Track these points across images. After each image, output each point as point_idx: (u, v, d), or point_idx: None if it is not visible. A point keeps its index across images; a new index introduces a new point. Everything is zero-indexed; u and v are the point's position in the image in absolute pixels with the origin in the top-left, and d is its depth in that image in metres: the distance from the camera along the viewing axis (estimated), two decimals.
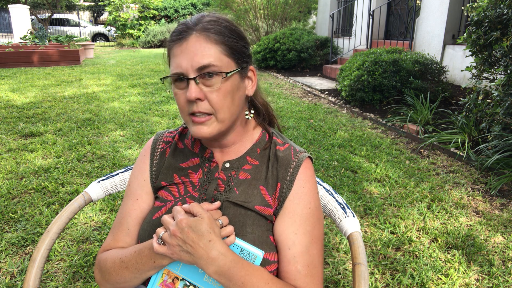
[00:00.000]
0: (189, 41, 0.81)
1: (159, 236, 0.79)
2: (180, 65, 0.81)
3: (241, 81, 0.88)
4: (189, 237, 0.75)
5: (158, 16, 20.02)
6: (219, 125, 0.85)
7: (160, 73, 8.73)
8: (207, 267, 0.76)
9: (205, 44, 0.81)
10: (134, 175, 1.00)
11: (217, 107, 0.83)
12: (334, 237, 2.33)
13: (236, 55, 0.85)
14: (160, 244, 0.79)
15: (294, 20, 11.88)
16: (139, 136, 4.14)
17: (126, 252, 0.88)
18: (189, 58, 0.81)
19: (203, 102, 0.82)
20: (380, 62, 5.24)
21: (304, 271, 0.85)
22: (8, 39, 17.28)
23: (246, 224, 0.87)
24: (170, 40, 0.85)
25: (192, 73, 0.81)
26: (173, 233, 0.76)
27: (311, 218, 0.89)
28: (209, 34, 0.82)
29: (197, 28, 0.82)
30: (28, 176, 3.07)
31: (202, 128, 0.84)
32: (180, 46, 0.82)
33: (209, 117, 0.84)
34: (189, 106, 0.83)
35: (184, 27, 0.84)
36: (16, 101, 5.67)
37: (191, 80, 0.81)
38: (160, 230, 0.80)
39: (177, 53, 0.83)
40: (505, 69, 3.50)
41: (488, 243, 2.29)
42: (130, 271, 0.85)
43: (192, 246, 0.75)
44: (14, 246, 2.18)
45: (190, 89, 0.81)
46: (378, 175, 3.21)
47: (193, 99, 0.81)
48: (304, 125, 4.66)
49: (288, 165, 0.91)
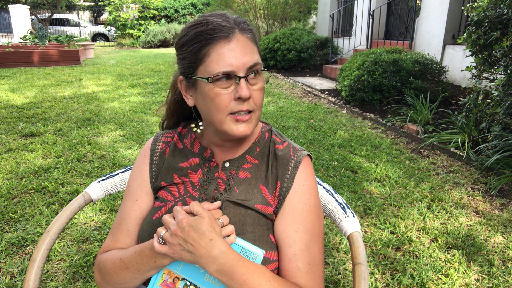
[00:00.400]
0: (237, 40, 0.81)
1: (160, 235, 0.79)
2: (231, 64, 0.80)
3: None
4: (190, 236, 0.75)
5: (158, 16, 20.02)
6: (256, 122, 0.87)
7: (160, 73, 8.72)
8: (209, 266, 0.76)
9: (250, 43, 0.84)
10: (134, 176, 1.00)
11: (258, 105, 0.86)
12: (334, 237, 2.33)
13: (261, 56, 0.89)
14: (161, 244, 0.79)
15: (294, 20, 11.88)
16: (139, 136, 4.14)
17: (126, 252, 0.88)
18: (239, 57, 0.80)
19: (250, 100, 0.84)
20: (380, 62, 5.24)
21: (305, 268, 0.85)
22: (8, 39, 17.29)
23: (246, 223, 0.87)
24: (210, 37, 0.81)
25: (242, 72, 0.81)
26: (174, 232, 0.76)
27: (311, 216, 0.89)
28: (249, 34, 0.84)
29: (240, 28, 0.83)
30: (28, 176, 3.07)
31: (244, 126, 0.84)
32: (227, 44, 0.80)
33: (250, 115, 0.85)
34: (235, 105, 0.82)
35: (224, 26, 0.81)
36: (16, 101, 5.67)
37: (242, 79, 0.81)
38: (161, 229, 0.80)
39: (223, 51, 0.80)
40: (505, 69, 3.50)
41: (488, 243, 2.29)
42: (131, 271, 0.85)
43: (193, 245, 0.75)
44: (14, 246, 2.18)
45: (242, 88, 0.80)
46: (378, 175, 3.21)
47: (248, 97, 0.81)
48: (304, 125, 4.66)
49: (287, 163, 0.92)
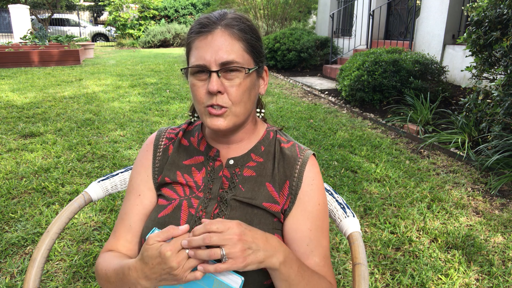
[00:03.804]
0: (214, 35, 0.82)
1: (222, 254, 0.71)
2: (204, 58, 0.82)
3: (257, 79, 0.90)
4: (250, 234, 0.75)
5: (158, 16, 20.02)
6: (234, 118, 0.86)
7: (160, 73, 8.73)
8: (278, 256, 0.77)
9: (230, 39, 0.83)
10: (137, 171, 0.99)
11: (235, 101, 0.84)
12: (334, 237, 2.33)
13: (255, 53, 0.87)
14: (223, 262, 0.71)
15: (294, 20, 11.89)
16: (139, 136, 4.14)
17: (110, 266, 0.86)
18: (213, 52, 0.81)
19: (223, 96, 0.84)
20: (380, 62, 5.24)
21: (321, 262, 0.89)
22: (8, 39, 17.29)
23: (253, 223, 0.87)
24: (193, 31, 0.85)
25: (215, 67, 0.82)
26: (239, 238, 0.72)
27: (320, 214, 0.92)
28: (234, 30, 0.83)
29: (222, 23, 0.83)
30: (28, 176, 3.07)
31: (218, 120, 0.85)
32: (205, 39, 0.83)
33: (225, 109, 0.84)
34: (208, 98, 0.84)
35: (209, 21, 0.84)
36: (16, 101, 5.67)
37: (213, 73, 0.82)
38: (216, 250, 0.71)
39: (200, 45, 0.83)
40: (505, 69, 3.50)
41: (488, 243, 2.29)
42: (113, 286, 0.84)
43: (258, 239, 0.75)
44: (14, 246, 2.18)
45: (212, 82, 0.81)
46: (378, 175, 3.21)
47: (215, 91, 0.81)
48: (304, 125, 4.66)
49: (295, 162, 0.92)
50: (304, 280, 0.81)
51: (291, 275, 0.78)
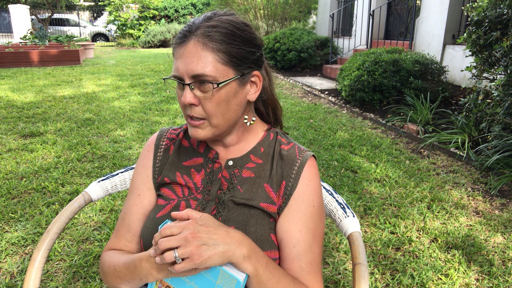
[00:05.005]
0: (187, 46, 0.82)
1: (175, 256, 0.70)
2: (178, 69, 0.83)
3: (241, 87, 0.86)
4: (205, 230, 0.72)
5: (158, 16, 20.01)
6: (213, 129, 0.86)
7: (160, 73, 8.73)
8: (241, 248, 0.73)
9: (201, 51, 0.80)
10: (138, 171, 1.00)
11: (210, 114, 0.84)
12: (334, 237, 2.33)
13: (236, 62, 0.83)
14: (178, 263, 0.70)
15: (294, 20, 11.89)
16: (139, 136, 4.14)
17: (119, 261, 0.87)
18: (185, 64, 0.81)
19: (197, 107, 0.84)
20: (380, 62, 5.24)
21: (307, 268, 0.86)
22: (8, 39, 17.29)
23: (249, 224, 0.87)
24: (174, 42, 0.87)
25: (188, 79, 0.82)
26: (193, 236, 0.70)
27: (314, 217, 0.89)
28: (207, 41, 0.80)
29: (197, 33, 0.81)
30: (28, 176, 3.07)
31: (197, 131, 0.86)
32: (179, 50, 0.83)
33: (202, 121, 0.85)
34: (185, 108, 0.86)
35: (187, 31, 0.83)
36: (16, 101, 5.67)
37: (186, 86, 0.82)
38: (168, 254, 0.70)
39: (177, 56, 0.84)
40: (505, 69, 3.50)
41: (488, 243, 2.29)
42: (122, 280, 0.85)
43: (215, 234, 0.72)
44: (14, 246, 2.18)
45: (184, 94, 0.82)
46: (378, 175, 3.21)
47: (186, 103, 0.83)
48: (304, 125, 4.66)
49: (293, 163, 0.92)
50: (275, 278, 0.77)
51: (259, 270, 0.75)
